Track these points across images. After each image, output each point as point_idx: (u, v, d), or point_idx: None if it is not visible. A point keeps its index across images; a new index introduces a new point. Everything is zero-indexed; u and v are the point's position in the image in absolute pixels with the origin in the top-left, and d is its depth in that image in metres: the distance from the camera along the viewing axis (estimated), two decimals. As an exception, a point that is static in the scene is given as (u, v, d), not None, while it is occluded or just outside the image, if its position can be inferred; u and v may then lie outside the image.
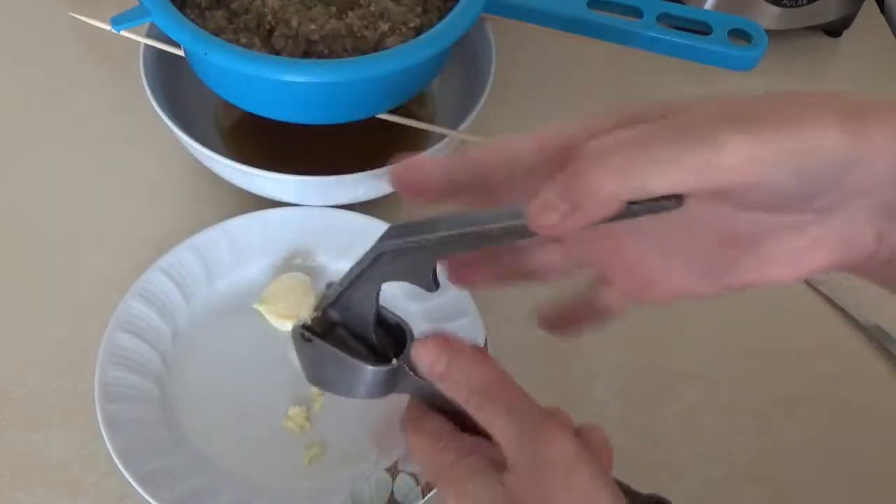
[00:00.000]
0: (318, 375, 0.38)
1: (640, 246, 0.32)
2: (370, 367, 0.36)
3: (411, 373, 0.36)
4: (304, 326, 0.37)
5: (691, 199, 0.27)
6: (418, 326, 0.50)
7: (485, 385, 0.33)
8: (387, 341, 0.38)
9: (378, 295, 0.36)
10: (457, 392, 0.34)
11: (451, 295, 0.55)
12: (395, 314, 0.38)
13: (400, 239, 0.34)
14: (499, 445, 0.33)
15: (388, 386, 0.37)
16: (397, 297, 0.57)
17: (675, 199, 0.27)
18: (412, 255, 0.34)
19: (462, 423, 0.36)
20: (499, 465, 0.33)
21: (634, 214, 0.28)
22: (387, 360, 0.36)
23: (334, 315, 0.37)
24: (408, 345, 0.36)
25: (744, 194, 0.27)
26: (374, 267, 0.35)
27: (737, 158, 0.26)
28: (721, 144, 0.26)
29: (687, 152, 0.26)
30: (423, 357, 0.34)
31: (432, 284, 0.34)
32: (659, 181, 0.26)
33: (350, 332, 0.37)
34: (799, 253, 0.30)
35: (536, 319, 0.38)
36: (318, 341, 0.37)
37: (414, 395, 0.38)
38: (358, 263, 0.36)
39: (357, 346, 0.37)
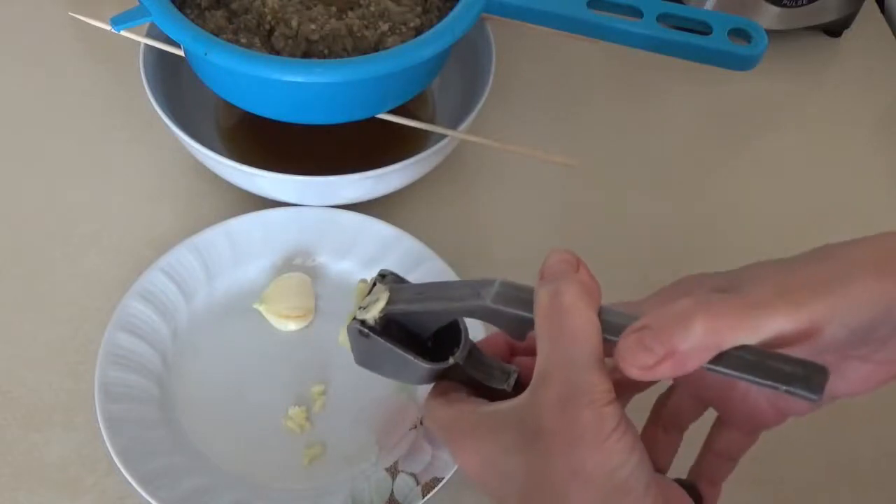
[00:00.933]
0: (369, 363, 0.39)
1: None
2: (428, 366, 0.37)
3: (468, 369, 0.37)
4: (363, 322, 0.38)
5: None
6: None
7: (576, 296, 0.33)
8: (441, 337, 0.39)
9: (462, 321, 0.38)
10: (548, 292, 0.34)
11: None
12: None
13: (508, 307, 0.35)
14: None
15: (440, 376, 0.38)
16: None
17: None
18: (516, 320, 0.35)
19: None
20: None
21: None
22: (440, 356, 0.37)
23: (396, 315, 0.38)
24: (462, 342, 0.37)
25: (807, 346, 0.32)
26: (470, 313, 0.36)
27: (793, 327, 0.31)
28: (780, 317, 0.31)
29: (761, 321, 0.31)
30: (557, 253, 0.36)
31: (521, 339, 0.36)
32: (740, 339, 0.31)
33: (406, 329, 0.38)
34: (868, 374, 0.35)
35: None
36: (375, 338, 0.37)
37: (462, 383, 0.38)
38: (447, 297, 0.37)
39: (410, 340, 0.38)
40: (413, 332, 0.38)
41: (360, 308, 0.38)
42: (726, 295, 0.32)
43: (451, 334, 0.38)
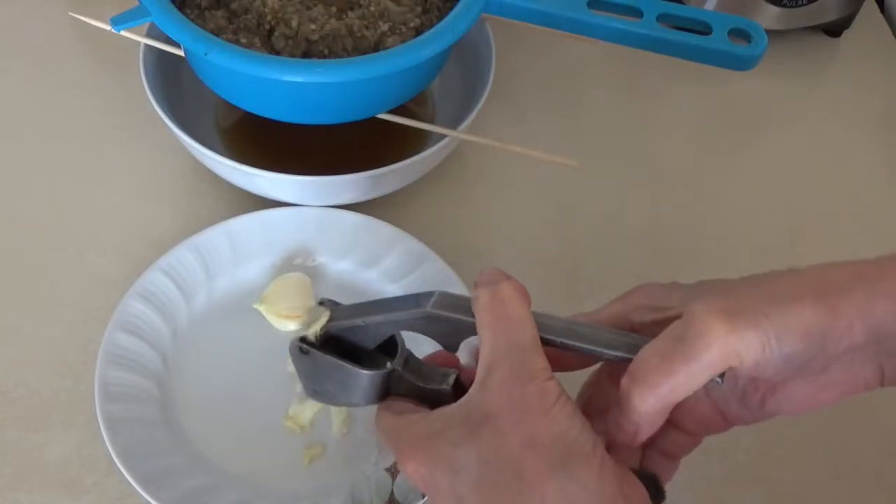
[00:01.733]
0: (316, 386, 0.41)
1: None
2: (367, 372, 0.38)
3: (407, 374, 0.39)
4: (302, 339, 0.39)
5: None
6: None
7: (512, 296, 0.36)
8: (377, 355, 0.40)
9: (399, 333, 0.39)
10: (487, 293, 0.36)
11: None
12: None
13: (446, 311, 0.37)
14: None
15: (383, 389, 0.39)
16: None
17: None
18: (453, 325, 0.38)
19: None
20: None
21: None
22: (380, 365, 0.39)
23: (336, 332, 0.40)
24: (399, 349, 0.39)
25: (747, 373, 0.34)
26: (410, 323, 0.38)
27: (724, 360, 0.33)
28: (713, 351, 0.33)
29: (690, 364, 0.33)
30: (491, 271, 0.37)
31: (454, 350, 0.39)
32: (680, 392, 0.33)
33: (345, 344, 0.40)
34: (811, 395, 0.37)
35: None
36: (315, 353, 0.39)
37: (406, 395, 0.40)
38: (387, 309, 0.39)
39: (350, 354, 0.40)
40: (353, 351, 0.40)
41: (304, 328, 0.40)
42: (651, 354, 0.34)
43: (387, 349, 0.39)
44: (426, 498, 0.49)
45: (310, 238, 0.59)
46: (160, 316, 0.55)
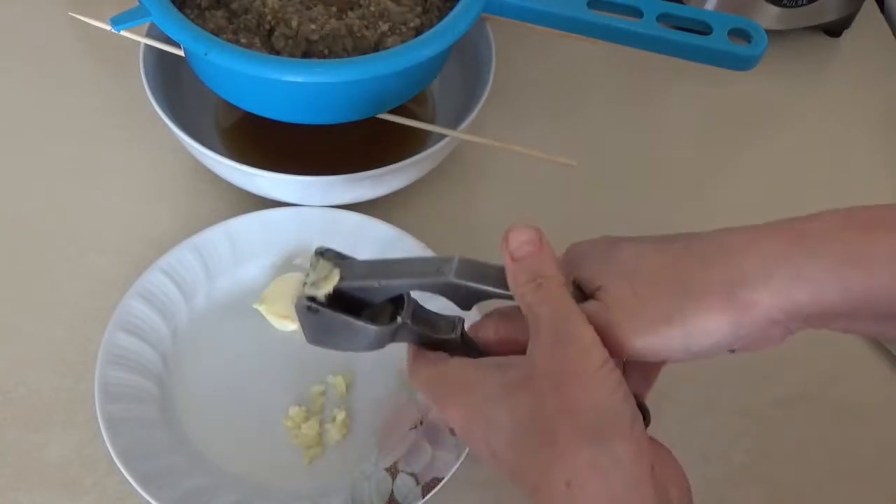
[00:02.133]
0: (320, 337, 0.40)
1: None
2: (377, 328, 0.38)
3: (415, 326, 0.39)
4: (310, 298, 0.38)
5: None
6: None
7: (552, 274, 0.36)
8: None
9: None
10: (526, 271, 0.36)
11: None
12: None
13: (470, 280, 0.38)
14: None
15: (390, 339, 0.39)
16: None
17: None
18: (472, 292, 0.38)
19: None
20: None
21: None
22: (389, 319, 0.39)
23: (345, 289, 0.39)
24: (406, 302, 0.39)
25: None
26: (427, 287, 0.38)
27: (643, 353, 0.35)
28: (631, 345, 0.34)
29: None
30: (521, 233, 0.37)
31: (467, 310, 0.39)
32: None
33: (349, 300, 0.39)
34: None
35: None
36: (324, 311, 0.38)
37: (411, 342, 0.40)
38: (404, 273, 0.39)
39: (353, 308, 0.39)
40: (356, 303, 0.39)
41: (307, 284, 0.38)
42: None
43: (394, 297, 0.40)
44: (426, 498, 0.49)
45: (310, 238, 0.59)
46: (160, 316, 0.55)
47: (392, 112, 0.58)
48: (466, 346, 0.40)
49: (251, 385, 0.54)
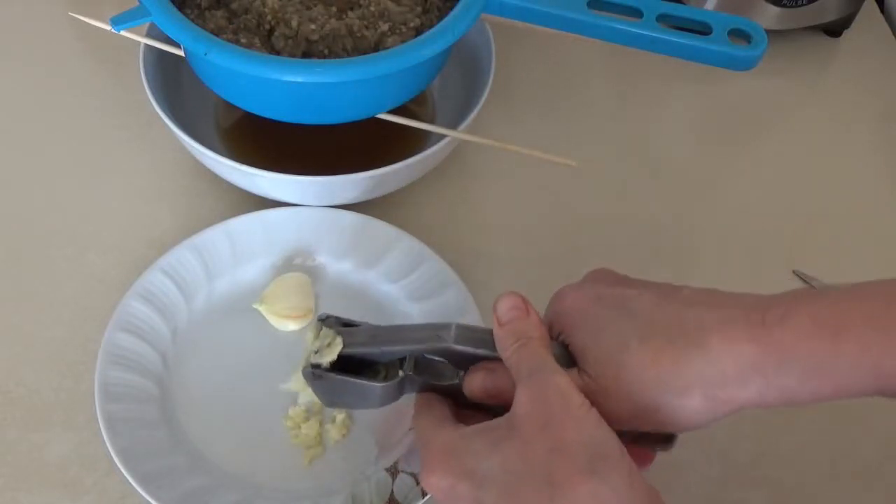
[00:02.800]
0: (332, 399, 0.43)
1: None
2: (382, 385, 0.41)
3: (418, 376, 0.41)
4: (313, 366, 0.41)
5: None
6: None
7: (536, 335, 0.39)
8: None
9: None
10: (513, 334, 0.39)
11: (452, 294, 0.56)
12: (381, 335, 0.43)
13: (468, 346, 0.40)
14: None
15: (398, 392, 0.42)
16: (399, 299, 0.57)
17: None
18: (469, 356, 0.41)
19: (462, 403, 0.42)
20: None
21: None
22: (392, 374, 0.42)
23: (347, 355, 0.42)
24: (407, 357, 0.41)
25: None
26: (427, 351, 0.41)
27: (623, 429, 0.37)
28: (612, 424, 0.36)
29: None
30: (508, 301, 0.40)
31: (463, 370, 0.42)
32: None
33: (355, 360, 0.42)
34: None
35: None
36: (329, 375, 0.41)
37: (421, 390, 0.43)
38: (404, 339, 0.41)
39: (360, 366, 0.42)
40: (364, 362, 0.42)
41: (312, 353, 0.41)
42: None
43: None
44: (426, 498, 0.49)
45: (310, 238, 0.59)
46: (160, 316, 0.55)
47: (392, 112, 0.58)
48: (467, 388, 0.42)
49: (251, 385, 0.54)
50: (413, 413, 0.42)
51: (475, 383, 0.41)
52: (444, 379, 0.41)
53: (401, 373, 0.41)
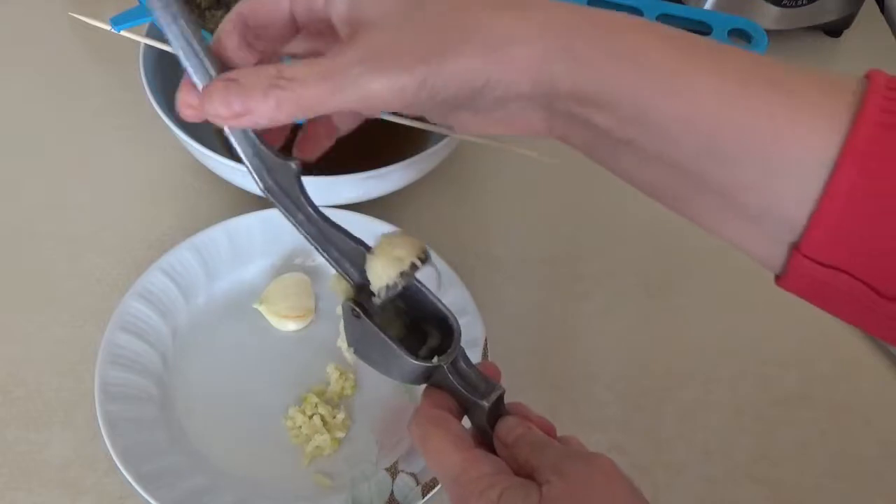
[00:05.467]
0: (360, 349, 0.39)
1: None
2: (412, 361, 0.36)
3: (450, 375, 0.37)
4: (356, 302, 0.37)
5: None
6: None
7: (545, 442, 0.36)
8: (432, 331, 0.38)
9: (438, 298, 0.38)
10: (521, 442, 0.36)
11: (452, 294, 0.55)
12: (448, 309, 0.38)
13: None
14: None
15: (424, 378, 0.38)
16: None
17: None
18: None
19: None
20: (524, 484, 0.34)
21: None
22: (428, 354, 0.37)
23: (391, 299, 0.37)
24: (453, 345, 0.37)
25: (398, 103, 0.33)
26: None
27: (383, 97, 0.32)
28: (369, 87, 0.31)
29: (336, 96, 0.32)
30: (509, 425, 0.37)
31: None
32: (335, 105, 0.32)
33: (399, 313, 0.38)
34: (480, 124, 0.35)
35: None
36: (367, 321, 0.37)
37: (446, 389, 0.38)
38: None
39: (402, 329, 0.38)
40: (410, 321, 0.38)
41: (365, 285, 0.37)
42: (316, 62, 0.32)
43: (445, 327, 0.38)
44: (426, 498, 0.49)
45: (310, 238, 0.59)
46: (160, 316, 0.55)
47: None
48: (493, 417, 0.37)
49: (251, 385, 0.54)
50: (417, 418, 0.38)
51: (518, 431, 0.37)
52: (475, 393, 0.37)
53: (436, 359, 0.36)
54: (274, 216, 0.59)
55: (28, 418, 0.53)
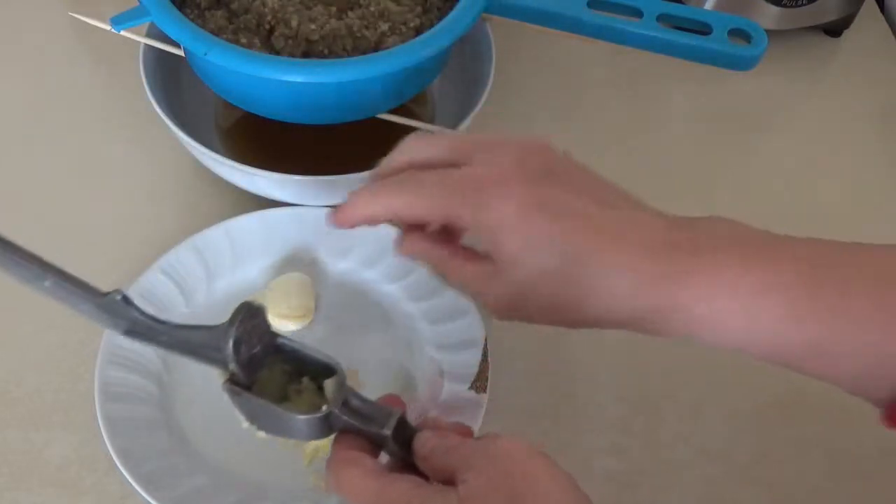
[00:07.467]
0: (259, 423, 0.39)
1: None
2: (300, 416, 0.36)
3: (344, 416, 0.37)
4: (230, 380, 0.37)
5: None
6: (420, 326, 0.50)
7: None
8: (326, 382, 0.38)
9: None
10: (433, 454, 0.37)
11: (452, 295, 0.55)
12: (326, 355, 0.38)
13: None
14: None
15: (326, 428, 0.37)
16: (399, 299, 0.57)
17: None
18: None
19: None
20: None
21: None
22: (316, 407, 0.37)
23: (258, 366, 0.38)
24: (335, 388, 0.37)
25: None
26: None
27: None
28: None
29: None
30: (421, 440, 0.37)
31: None
32: None
33: (288, 375, 0.39)
34: None
35: None
36: (246, 394, 0.37)
37: (347, 432, 0.38)
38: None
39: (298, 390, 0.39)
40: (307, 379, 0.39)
41: (233, 360, 0.37)
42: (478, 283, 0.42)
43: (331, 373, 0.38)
44: (426, 498, 0.49)
45: (310, 238, 0.59)
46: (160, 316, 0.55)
47: (392, 112, 0.58)
48: (398, 444, 0.37)
49: (251, 385, 0.54)
50: (330, 465, 0.38)
51: (432, 442, 0.37)
52: (374, 425, 0.37)
53: (324, 407, 0.36)
54: (274, 216, 0.59)
55: (28, 418, 0.53)
